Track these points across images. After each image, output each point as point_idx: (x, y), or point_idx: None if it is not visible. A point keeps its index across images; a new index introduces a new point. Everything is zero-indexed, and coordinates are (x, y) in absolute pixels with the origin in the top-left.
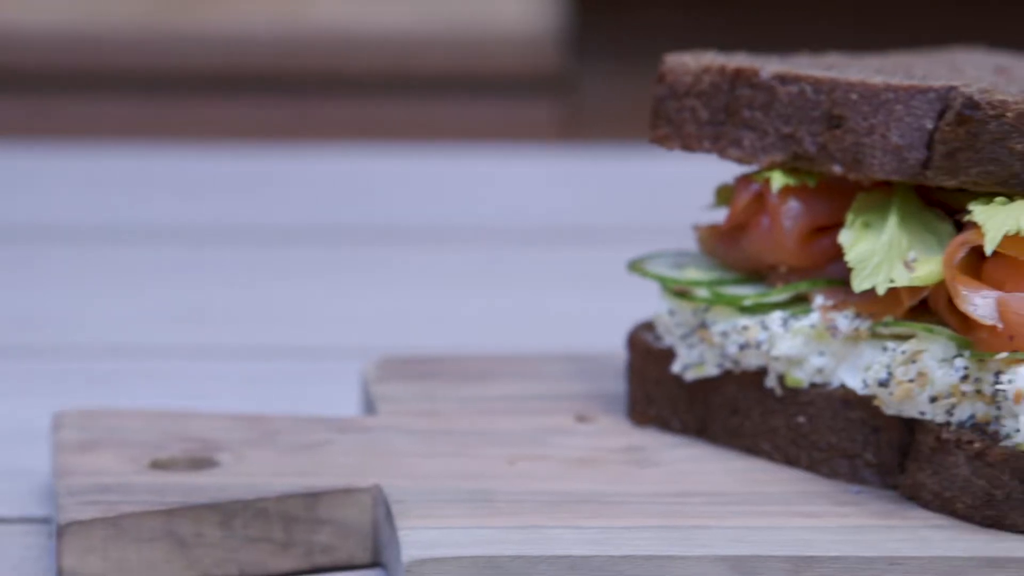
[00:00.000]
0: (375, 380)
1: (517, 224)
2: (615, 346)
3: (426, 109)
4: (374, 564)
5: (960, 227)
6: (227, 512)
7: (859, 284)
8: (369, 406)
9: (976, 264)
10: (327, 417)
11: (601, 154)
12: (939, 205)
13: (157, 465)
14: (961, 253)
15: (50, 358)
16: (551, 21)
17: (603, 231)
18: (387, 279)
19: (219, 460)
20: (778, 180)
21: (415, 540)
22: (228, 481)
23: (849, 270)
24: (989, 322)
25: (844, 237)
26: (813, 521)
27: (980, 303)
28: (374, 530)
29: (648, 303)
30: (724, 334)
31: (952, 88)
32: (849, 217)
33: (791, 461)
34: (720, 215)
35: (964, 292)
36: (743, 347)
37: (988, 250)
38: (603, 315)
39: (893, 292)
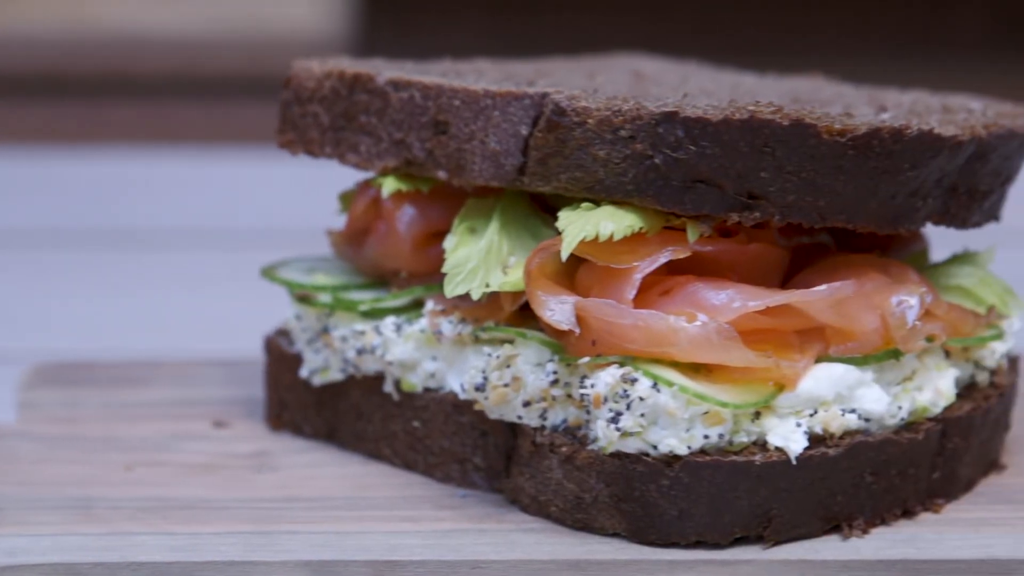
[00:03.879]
0: (26, 386)
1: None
2: None
3: (213, 111)
4: None
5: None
6: None
7: (451, 290)
8: (18, 412)
9: (572, 270)
10: None
11: None
12: (551, 211)
13: None
14: (539, 258)
15: None
16: (340, 24)
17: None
18: (67, 282)
19: None
20: (390, 185)
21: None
22: None
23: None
24: (565, 327)
25: (447, 242)
26: (408, 526)
27: (557, 308)
28: None
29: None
30: (344, 339)
31: (545, 95)
32: (455, 222)
33: (409, 465)
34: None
35: (543, 297)
36: (361, 352)
37: (563, 255)
38: (274, 319)
39: (496, 297)
